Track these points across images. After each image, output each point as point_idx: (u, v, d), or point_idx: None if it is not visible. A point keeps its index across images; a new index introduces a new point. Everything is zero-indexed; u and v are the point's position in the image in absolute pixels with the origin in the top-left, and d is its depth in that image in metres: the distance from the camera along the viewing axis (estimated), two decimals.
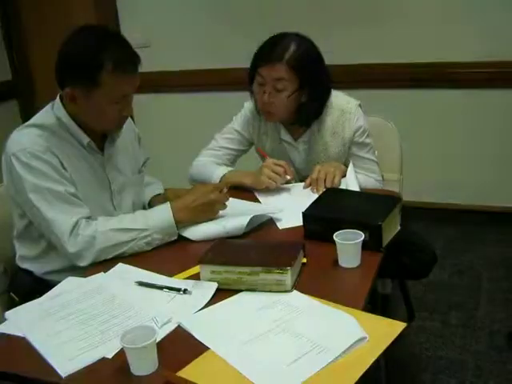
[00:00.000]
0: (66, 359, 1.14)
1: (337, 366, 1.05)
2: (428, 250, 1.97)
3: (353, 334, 1.11)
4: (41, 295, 1.47)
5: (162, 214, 1.63)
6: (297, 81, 1.90)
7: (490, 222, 3.35)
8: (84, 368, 1.12)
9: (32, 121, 1.69)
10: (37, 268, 1.76)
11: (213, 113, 3.38)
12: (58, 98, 1.70)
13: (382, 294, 2.32)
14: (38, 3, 4.24)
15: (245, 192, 1.93)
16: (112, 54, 1.56)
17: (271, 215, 1.72)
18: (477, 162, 3.34)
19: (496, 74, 3.15)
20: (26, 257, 1.77)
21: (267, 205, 1.84)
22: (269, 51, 1.88)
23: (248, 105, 2.13)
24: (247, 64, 1.99)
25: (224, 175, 1.99)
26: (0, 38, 4.32)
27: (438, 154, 3.39)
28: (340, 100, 2.04)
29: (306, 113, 1.98)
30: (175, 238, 1.63)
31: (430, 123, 3.35)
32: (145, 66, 3.68)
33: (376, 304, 2.10)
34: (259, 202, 1.89)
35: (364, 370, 1.02)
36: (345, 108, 2.03)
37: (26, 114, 4.56)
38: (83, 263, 1.57)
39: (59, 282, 1.54)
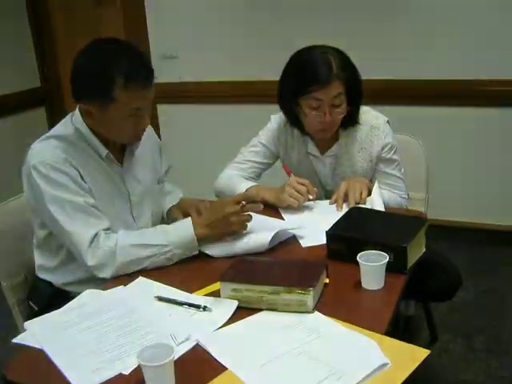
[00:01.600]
0: (83, 374, 1.13)
1: None
2: (453, 271, 1.93)
3: (374, 359, 1.09)
4: (59, 306, 1.47)
5: (183, 230, 1.61)
6: (345, 91, 1.88)
7: None
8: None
9: (51, 132, 1.69)
10: (56, 278, 1.76)
11: (237, 124, 3.39)
12: (77, 109, 1.69)
13: (404, 316, 2.27)
14: (69, 13, 4.31)
15: (268, 208, 1.91)
16: (123, 69, 1.55)
17: (294, 232, 1.70)
18: (504, 182, 3.28)
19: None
20: (45, 267, 1.77)
21: (291, 221, 1.81)
22: (320, 73, 1.83)
23: (275, 118, 2.12)
24: (272, 77, 1.96)
25: (247, 190, 1.97)
26: (31, 47, 4.40)
27: (465, 173, 3.33)
28: (369, 115, 2.02)
29: (346, 121, 1.97)
30: (196, 252, 1.62)
31: (457, 141, 3.30)
32: (172, 77, 3.73)
33: (398, 325, 2.06)
34: (282, 218, 1.86)
35: None
36: (374, 124, 2.01)
37: (53, 121, 4.62)
38: (103, 275, 1.57)
39: (78, 293, 1.54)
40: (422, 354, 1.12)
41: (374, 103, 2.13)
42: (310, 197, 1.89)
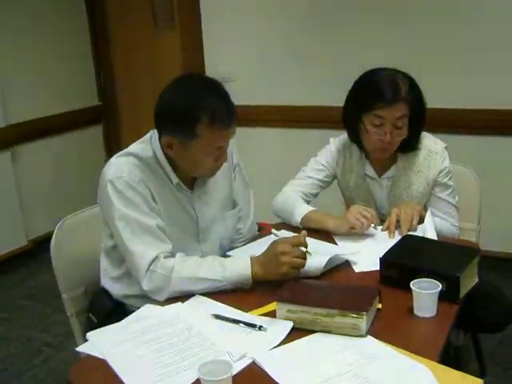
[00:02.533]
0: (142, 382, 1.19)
1: None
2: (505, 303, 1.92)
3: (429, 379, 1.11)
4: (118, 319, 1.54)
5: (241, 269, 1.59)
6: (409, 115, 1.92)
7: None
8: None
9: (131, 149, 1.75)
10: (117, 289, 1.81)
11: (291, 148, 3.43)
12: (157, 132, 1.75)
13: (454, 346, 2.26)
14: (128, 34, 4.48)
15: (322, 233, 1.94)
16: (209, 108, 1.59)
17: (348, 258, 1.73)
18: None
19: None
20: (110, 275, 1.83)
21: (344, 247, 1.84)
22: (385, 92, 1.89)
23: (334, 141, 2.18)
24: (326, 103, 1.99)
25: (305, 215, 2.00)
26: (91, 67, 4.59)
27: None
28: (428, 140, 2.06)
29: (404, 146, 2.01)
30: (248, 286, 1.61)
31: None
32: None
33: (448, 355, 2.05)
34: (335, 243, 1.90)
35: None
36: (432, 148, 2.04)
37: (110, 138, 4.80)
38: (157, 299, 1.60)
39: (137, 307, 1.60)
40: (475, 383, 1.13)
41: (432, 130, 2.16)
42: (372, 225, 1.92)
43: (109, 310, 1.82)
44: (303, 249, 1.59)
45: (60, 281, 1.91)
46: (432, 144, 2.07)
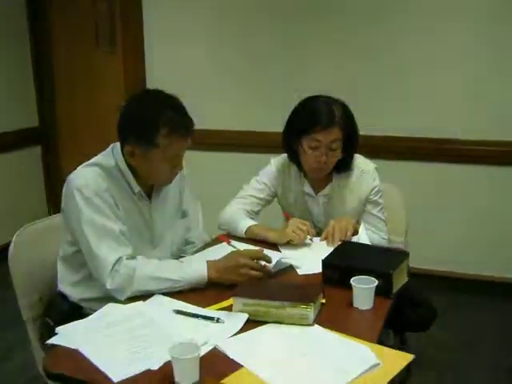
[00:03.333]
0: (116, 367, 1.31)
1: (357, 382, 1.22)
2: (429, 304, 2.16)
3: (368, 360, 1.29)
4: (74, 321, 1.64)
5: (198, 271, 1.75)
6: (343, 139, 2.14)
7: (485, 290, 3.53)
8: (132, 376, 1.29)
9: (95, 161, 1.88)
10: (75, 293, 1.92)
11: (231, 172, 3.60)
12: (119, 144, 1.89)
13: (385, 345, 2.47)
14: (70, 56, 4.56)
15: (266, 244, 2.11)
16: (167, 119, 1.76)
17: (292, 262, 1.91)
18: (475, 234, 3.56)
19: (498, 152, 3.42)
20: (68, 280, 1.93)
21: (288, 254, 2.02)
22: (321, 117, 2.10)
23: (275, 161, 2.36)
24: (266, 128, 2.16)
25: (249, 227, 2.17)
26: (32, 89, 4.63)
27: (441, 225, 3.60)
28: (360, 161, 2.29)
29: (338, 166, 2.22)
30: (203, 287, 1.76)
31: (433, 195, 3.58)
32: None
33: None
34: (279, 251, 2.07)
35: None
36: (364, 169, 2.27)
37: (48, 159, 4.82)
38: (119, 298, 1.72)
39: (95, 310, 1.70)
40: (408, 357, 1.33)
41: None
42: (309, 236, 2.12)
43: (66, 312, 1.90)
44: (262, 262, 1.78)
45: (17, 287, 1.97)
46: (364, 165, 2.30)
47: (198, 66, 4.04)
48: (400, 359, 1.33)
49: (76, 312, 1.89)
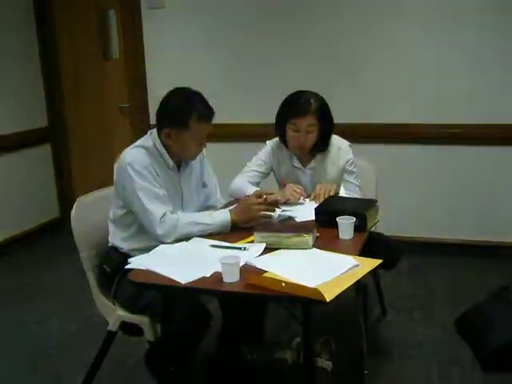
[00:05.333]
0: (181, 276, 1.91)
1: (344, 276, 1.85)
2: (396, 246, 2.82)
3: (351, 263, 1.93)
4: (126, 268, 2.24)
5: (223, 216, 2.39)
6: (318, 124, 2.77)
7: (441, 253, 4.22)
8: (193, 280, 1.90)
9: (138, 143, 2.49)
10: (126, 245, 2.50)
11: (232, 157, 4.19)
12: (155, 129, 2.50)
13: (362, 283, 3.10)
14: (77, 62, 5.12)
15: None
16: (196, 108, 2.38)
17: (290, 214, 2.54)
18: (434, 203, 4.24)
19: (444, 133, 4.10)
20: (119, 236, 2.52)
21: (287, 209, 2.64)
22: (300, 107, 2.74)
23: (269, 142, 3.00)
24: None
25: (255, 191, 2.78)
26: (42, 92, 5.17)
27: (404, 195, 4.26)
28: (337, 140, 2.94)
29: (319, 146, 2.86)
30: (228, 231, 2.38)
31: (401, 170, 4.25)
32: None
33: (359, 292, 2.86)
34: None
35: (359, 278, 1.83)
36: (340, 146, 2.92)
37: (58, 156, 5.37)
38: (167, 241, 2.31)
39: None
40: (377, 261, 1.96)
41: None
42: (301, 198, 2.74)
43: (119, 261, 2.46)
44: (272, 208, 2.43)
45: (79, 243, 2.55)
46: (340, 143, 2.95)
47: (193, 70, 4.59)
48: (372, 262, 1.96)
49: (127, 260, 2.47)
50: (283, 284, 1.73)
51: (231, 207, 2.50)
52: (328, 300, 1.64)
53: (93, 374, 2.61)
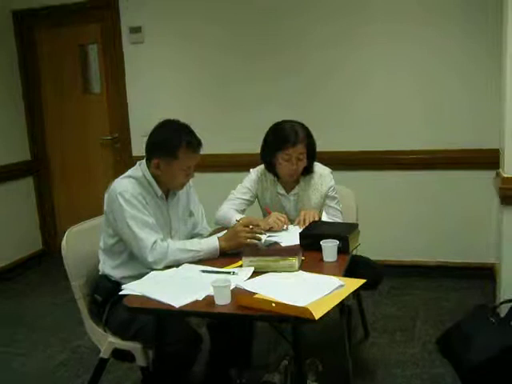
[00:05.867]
0: (175, 300, 1.99)
1: (330, 295, 1.95)
2: (377, 268, 2.93)
3: (336, 283, 2.02)
4: (118, 295, 2.31)
5: (212, 243, 2.49)
6: (306, 151, 2.89)
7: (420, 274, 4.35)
8: (186, 304, 1.98)
9: (128, 174, 2.58)
10: (116, 273, 2.56)
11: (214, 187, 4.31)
12: (144, 160, 2.59)
13: (345, 304, 3.20)
14: (59, 96, 5.22)
15: None
16: (185, 139, 2.48)
17: (276, 239, 2.64)
18: (413, 227, 4.38)
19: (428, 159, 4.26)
20: (109, 265, 2.59)
21: (272, 235, 2.74)
22: (290, 137, 2.85)
23: (253, 171, 3.11)
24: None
25: (240, 219, 2.89)
26: (24, 126, 5.25)
27: (384, 220, 4.40)
28: (319, 167, 3.06)
29: (304, 171, 2.98)
30: (216, 257, 2.47)
31: (377, 195, 4.39)
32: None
33: (343, 311, 2.96)
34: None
35: (345, 296, 1.93)
36: (322, 173, 3.04)
37: (41, 189, 5.42)
38: (158, 267, 2.39)
39: None
40: (361, 281, 2.06)
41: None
42: (285, 226, 2.85)
43: (110, 289, 2.54)
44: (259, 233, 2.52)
45: (70, 273, 2.60)
46: (322, 170, 3.07)
47: (173, 103, 4.75)
48: (356, 282, 2.06)
49: (118, 288, 2.53)
50: (273, 304, 1.82)
51: (219, 234, 2.59)
52: (317, 318, 1.74)
53: None
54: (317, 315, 1.74)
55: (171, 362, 2.31)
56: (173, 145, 2.48)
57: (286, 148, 2.86)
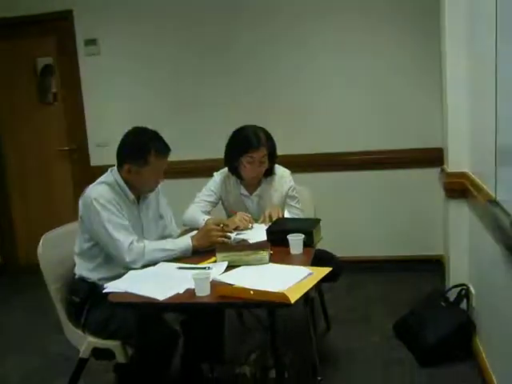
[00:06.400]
0: (157, 294, 2.14)
1: (302, 283, 2.14)
2: (338, 261, 3.14)
3: (305, 272, 2.22)
4: (94, 297, 2.45)
5: (185, 242, 2.65)
6: (268, 154, 3.07)
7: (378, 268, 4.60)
8: (169, 296, 2.13)
9: (100, 180, 2.69)
10: (93, 275, 2.66)
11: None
12: (115, 167, 2.72)
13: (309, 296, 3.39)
14: (14, 106, 5.24)
15: None
16: (155, 145, 2.63)
17: (243, 237, 2.81)
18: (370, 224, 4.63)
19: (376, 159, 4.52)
20: (85, 268, 2.69)
21: (240, 234, 2.91)
22: (253, 141, 3.02)
23: (217, 174, 3.28)
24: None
25: (207, 220, 3.04)
26: None
27: (340, 218, 4.62)
28: (279, 169, 3.26)
29: (266, 173, 3.16)
30: (189, 256, 2.63)
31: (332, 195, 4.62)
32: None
33: (306, 304, 3.15)
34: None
35: (315, 282, 2.13)
36: (282, 174, 3.24)
37: None
38: (135, 267, 2.53)
39: None
40: (327, 269, 2.26)
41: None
42: (250, 225, 3.02)
43: (87, 291, 2.65)
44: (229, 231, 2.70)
45: (46, 277, 2.68)
46: (282, 171, 3.27)
47: (131, 113, 4.85)
48: (322, 270, 2.27)
49: (94, 289, 2.65)
50: (251, 292, 1.99)
51: (190, 234, 2.75)
52: (292, 301, 1.92)
53: None
54: (292, 299, 1.92)
55: (151, 357, 2.44)
56: (143, 151, 2.62)
57: (250, 151, 3.04)
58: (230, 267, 2.40)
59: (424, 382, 2.98)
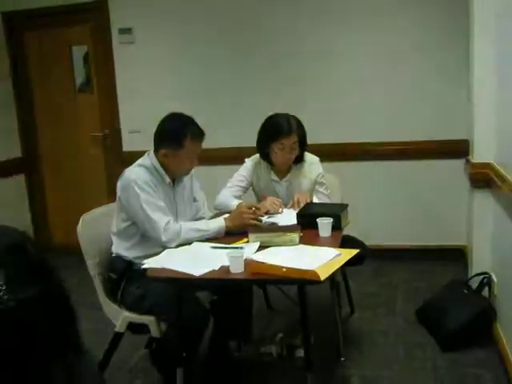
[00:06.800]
0: (193, 270, 2.27)
1: (330, 262, 2.25)
2: (364, 246, 3.24)
3: (333, 253, 2.33)
4: (130, 274, 2.59)
5: (219, 223, 2.78)
6: (298, 141, 3.18)
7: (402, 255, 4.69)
8: (204, 273, 2.26)
9: (138, 162, 2.83)
10: (130, 254, 2.81)
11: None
12: (152, 151, 2.85)
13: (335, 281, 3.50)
14: (50, 95, 5.39)
15: None
16: (190, 129, 2.76)
17: (273, 220, 2.92)
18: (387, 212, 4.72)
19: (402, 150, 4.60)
20: (122, 246, 2.83)
21: (270, 218, 3.03)
22: (284, 128, 3.13)
23: (248, 160, 3.39)
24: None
25: (239, 204, 3.16)
26: (15, 124, 5.42)
27: (366, 207, 4.71)
28: (308, 156, 3.36)
29: (296, 160, 3.26)
30: (222, 236, 2.76)
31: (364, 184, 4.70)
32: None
33: (333, 288, 3.25)
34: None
35: (343, 262, 2.24)
36: (311, 161, 3.34)
37: (32, 186, 5.59)
38: (171, 246, 2.66)
39: (143, 264, 2.57)
40: (355, 251, 2.36)
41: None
42: (280, 209, 3.14)
43: (124, 268, 2.80)
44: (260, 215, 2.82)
45: (85, 252, 2.85)
46: (311, 158, 3.37)
47: (162, 98, 4.94)
48: (350, 252, 2.37)
49: (131, 267, 2.80)
50: (283, 269, 2.11)
51: (224, 215, 2.87)
52: (322, 279, 2.03)
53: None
54: (322, 276, 2.04)
55: (184, 333, 2.58)
56: (179, 135, 2.75)
57: (281, 138, 3.15)
58: (261, 247, 2.51)
59: (445, 366, 3.07)
